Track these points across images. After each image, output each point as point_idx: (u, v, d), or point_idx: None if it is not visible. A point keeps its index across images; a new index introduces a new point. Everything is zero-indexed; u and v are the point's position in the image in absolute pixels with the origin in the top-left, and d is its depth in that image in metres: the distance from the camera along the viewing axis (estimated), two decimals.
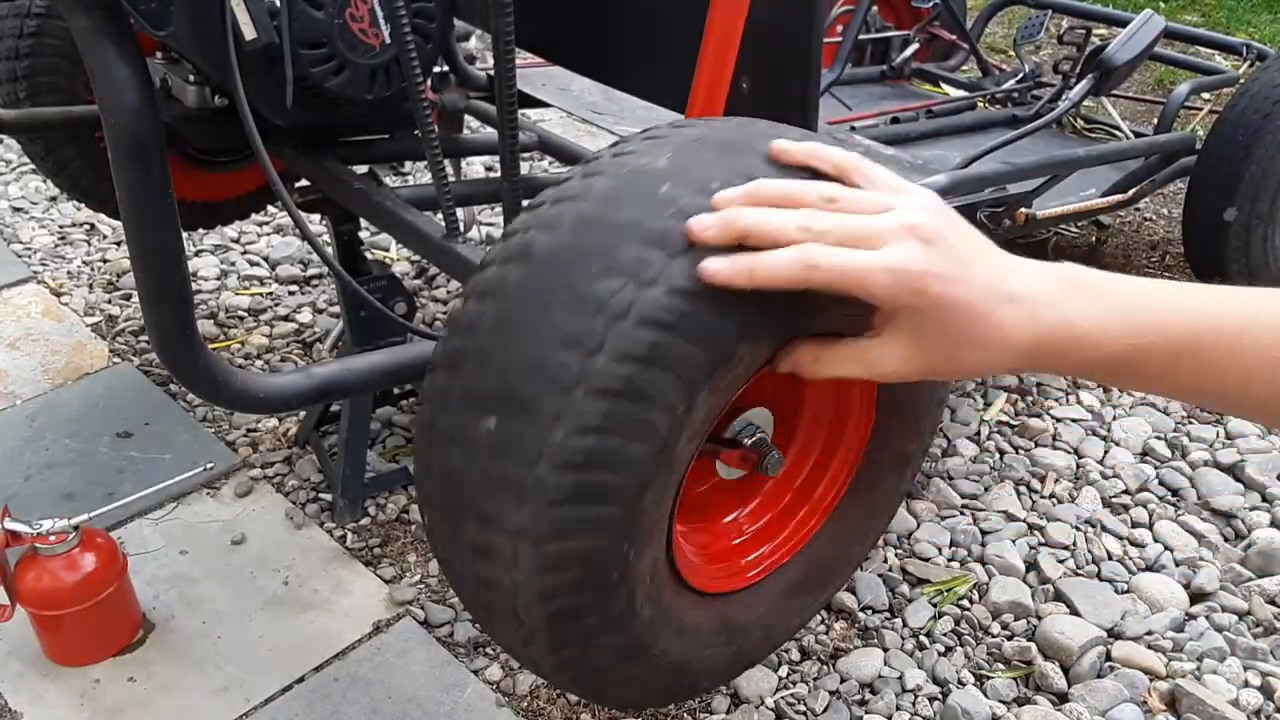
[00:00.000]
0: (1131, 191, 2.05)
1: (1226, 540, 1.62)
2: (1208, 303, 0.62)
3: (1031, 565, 1.54)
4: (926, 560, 1.54)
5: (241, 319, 2.11)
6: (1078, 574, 1.53)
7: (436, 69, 1.56)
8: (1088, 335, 0.63)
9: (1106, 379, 0.66)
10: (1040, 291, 0.65)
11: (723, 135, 0.87)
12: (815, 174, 0.76)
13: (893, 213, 0.67)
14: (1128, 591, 1.50)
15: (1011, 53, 3.54)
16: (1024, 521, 1.63)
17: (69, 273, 2.25)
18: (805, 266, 0.67)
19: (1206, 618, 1.45)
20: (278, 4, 1.19)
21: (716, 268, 0.72)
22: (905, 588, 1.50)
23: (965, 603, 1.48)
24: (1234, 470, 1.75)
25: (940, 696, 1.33)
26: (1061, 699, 1.33)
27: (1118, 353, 0.63)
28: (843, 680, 1.35)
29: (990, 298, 0.65)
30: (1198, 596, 1.50)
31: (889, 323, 0.71)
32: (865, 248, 0.66)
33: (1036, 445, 1.81)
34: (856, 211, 0.69)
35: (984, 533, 1.60)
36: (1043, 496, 1.69)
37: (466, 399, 0.84)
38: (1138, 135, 2.37)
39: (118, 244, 2.36)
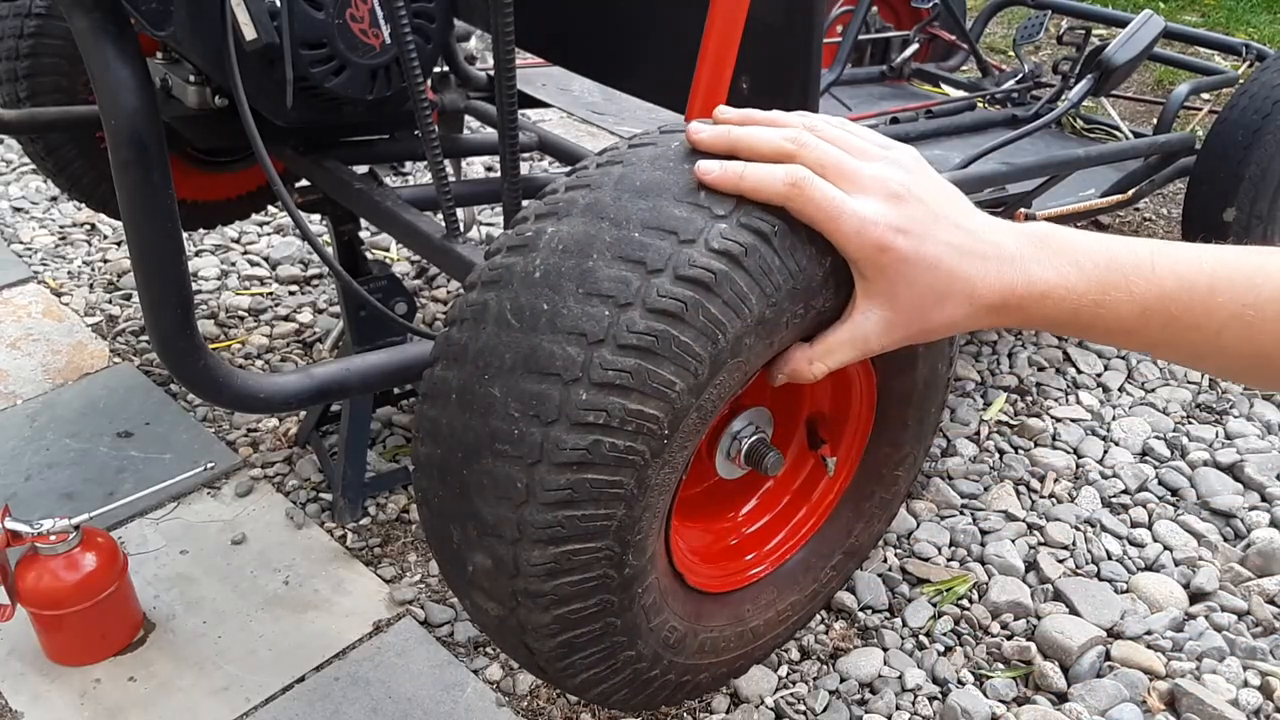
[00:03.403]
0: (1131, 192, 2.06)
1: (1226, 540, 1.62)
2: (1179, 260, 0.63)
3: (1031, 565, 1.54)
4: (926, 560, 1.55)
5: (242, 319, 2.11)
6: (1077, 574, 1.53)
7: (436, 69, 1.56)
8: (1053, 291, 0.65)
9: (1074, 333, 0.68)
10: (1008, 249, 0.67)
11: None
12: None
13: (871, 163, 0.70)
14: (1127, 591, 1.50)
15: (1011, 53, 3.54)
16: (1023, 521, 1.63)
17: (69, 273, 2.25)
18: (790, 184, 0.71)
19: (1206, 617, 1.45)
20: (278, 4, 1.20)
21: (708, 168, 0.77)
22: (905, 587, 1.50)
23: (965, 602, 1.48)
24: (1233, 470, 1.75)
25: (940, 696, 1.33)
26: (1061, 698, 1.33)
27: (1084, 307, 0.64)
28: (842, 680, 1.35)
29: (956, 254, 0.67)
30: (1197, 596, 1.50)
31: (864, 294, 0.74)
32: (843, 185, 0.70)
33: (1036, 445, 1.81)
34: (841, 148, 0.71)
35: (983, 532, 1.60)
36: (1042, 496, 1.69)
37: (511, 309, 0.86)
38: (1137, 135, 2.37)
39: (118, 244, 2.36)
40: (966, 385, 1.97)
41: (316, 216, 2.31)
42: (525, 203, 0.93)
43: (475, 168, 2.80)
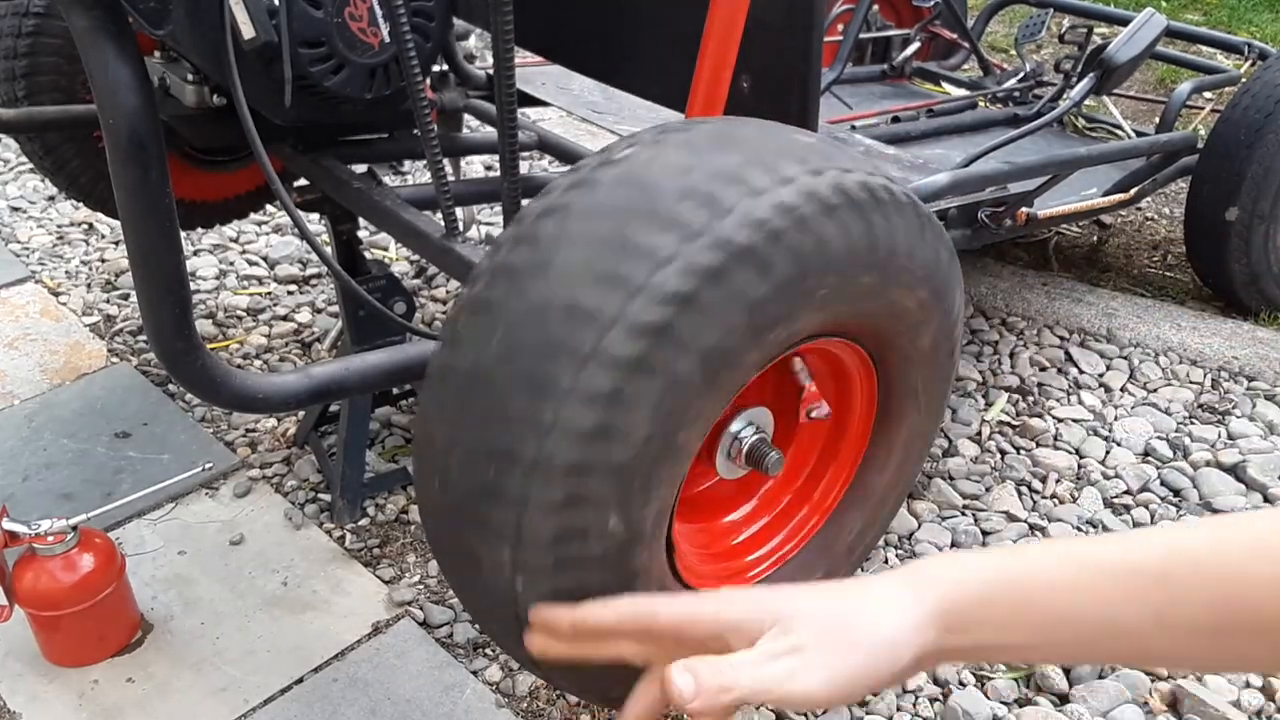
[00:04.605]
0: (1133, 191, 2.05)
1: None
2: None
3: None
4: None
5: (240, 319, 2.11)
6: None
7: (436, 68, 1.55)
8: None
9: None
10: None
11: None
12: None
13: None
14: None
15: (1013, 51, 3.54)
16: (1025, 522, 1.63)
17: (67, 272, 2.24)
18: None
19: None
20: (276, 3, 1.19)
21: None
22: None
23: None
24: (1236, 471, 1.75)
25: (941, 697, 1.33)
26: (1062, 700, 1.33)
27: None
28: None
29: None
30: None
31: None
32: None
33: (1038, 445, 1.81)
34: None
35: (985, 533, 1.60)
36: (1044, 497, 1.69)
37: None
38: (1139, 134, 2.37)
39: (116, 243, 2.36)
40: (968, 385, 1.97)
41: (315, 216, 2.30)
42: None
43: (475, 167, 2.80)
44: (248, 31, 1.14)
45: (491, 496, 0.84)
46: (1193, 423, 1.89)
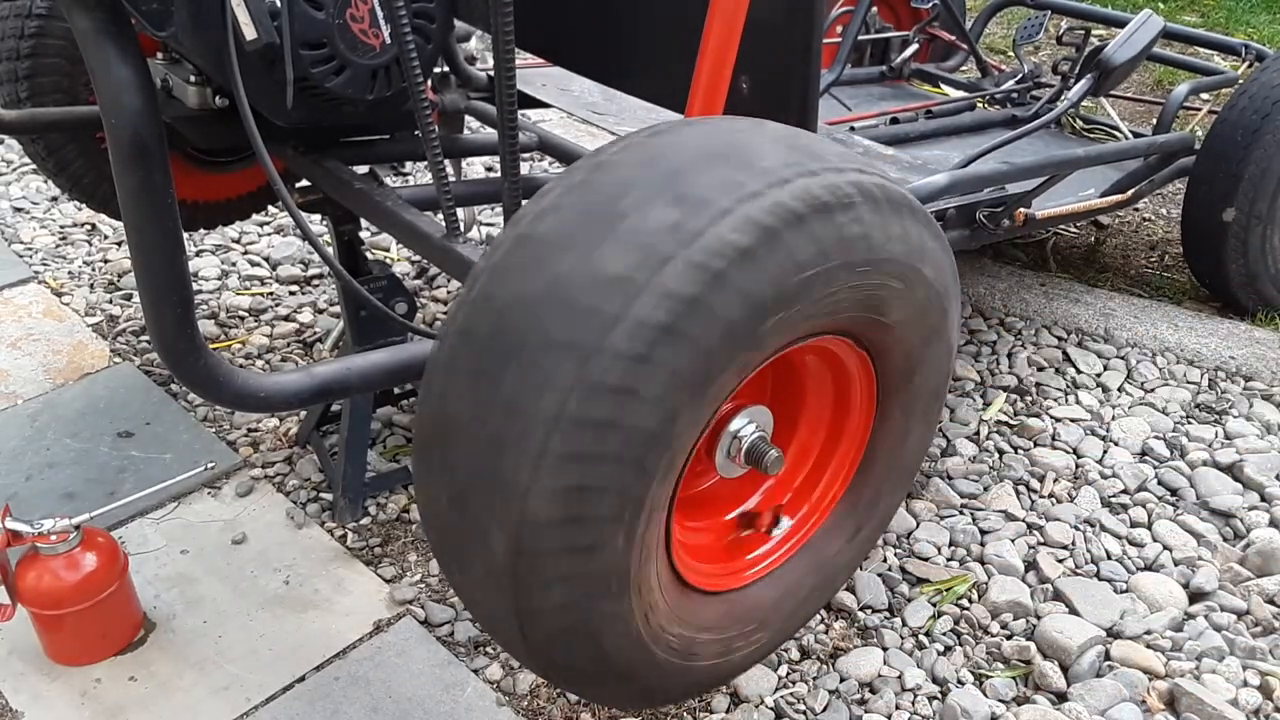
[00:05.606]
0: (1130, 192, 2.06)
1: (1225, 540, 1.62)
2: None
3: (1030, 565, 1.55)
4: (926, 560, 1.55)
5: (242, 319, 2.12)
6: (1077, 573, 1.54)
7: (437, 69, 1.56)
8: None
9: None
10: None
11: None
12: None
13: None
14: (1127, 591, 1.51)
15: (1011, 53, 3.55)
16: (1023, 521, 1.63)
17: (70, 273, 2.25)
18: None
19: (1205, 617, 1.45)
20: (278, 4, 1.20)
21: None
22: (905, 587, 1.50)
23: (964, 602, 1.48)
24: (1233, 470, 1.75)
25: (939, 696, 1.33)
26: (1060, 698, 1.33)
27: None
28: (842, 679, 1.35)
29: None
30: (1196, 596, 1.50)
31: None
32: None
33: (1035, 445, 1.82)
34: None
35: (983, 532, 1.61)
36: (1042, 496, 1.69)
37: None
38: (1137, 135, 2.37)
39: (119, 244, 2.37)
40: (966, 385, 1.97)
41: (317, 216, 2.31)
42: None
43: (475, 168, 2.80)
44: (250, 33, 1.15)
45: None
46: (1190, 422, 1.90)
